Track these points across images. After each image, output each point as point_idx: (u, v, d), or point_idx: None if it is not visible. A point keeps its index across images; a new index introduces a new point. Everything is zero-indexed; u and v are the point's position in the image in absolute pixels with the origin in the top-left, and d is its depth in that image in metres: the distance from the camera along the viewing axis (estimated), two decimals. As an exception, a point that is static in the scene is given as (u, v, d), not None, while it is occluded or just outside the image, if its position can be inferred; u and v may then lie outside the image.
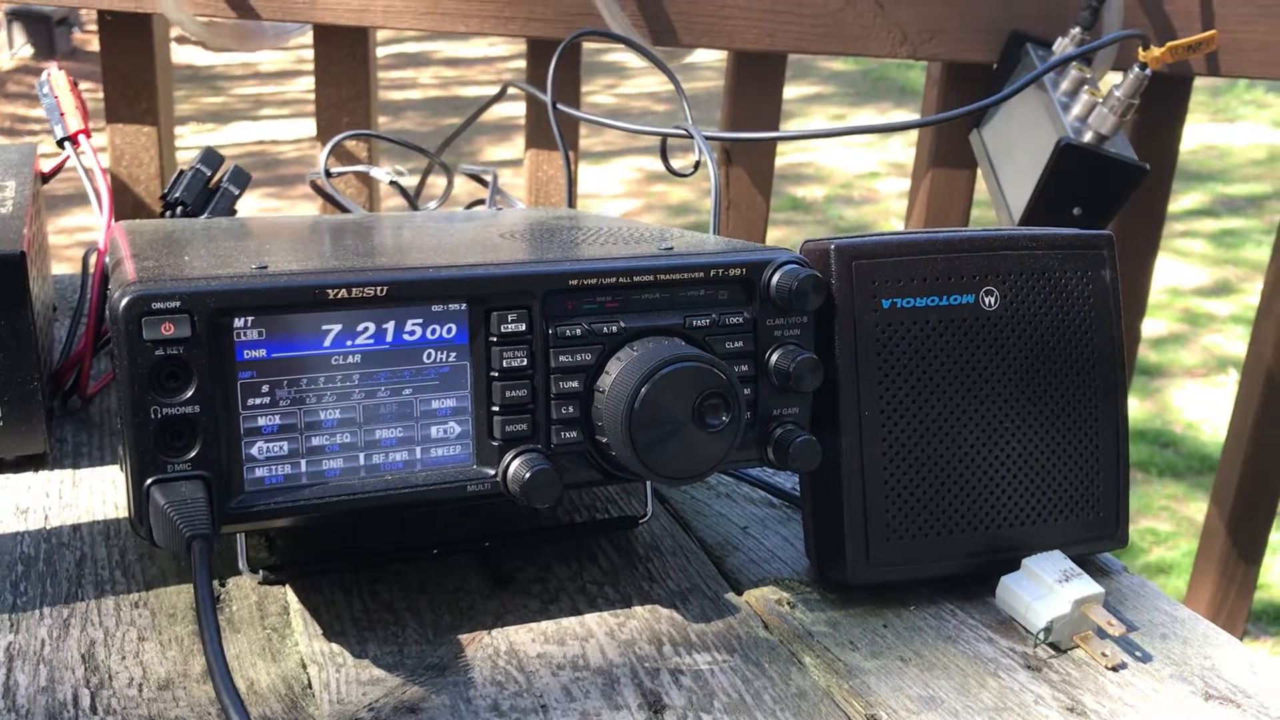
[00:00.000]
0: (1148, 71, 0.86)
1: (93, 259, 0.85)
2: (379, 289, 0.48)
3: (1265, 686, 0.53)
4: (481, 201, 0.98)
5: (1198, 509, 2.75)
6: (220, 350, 0.47)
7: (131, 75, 1.09)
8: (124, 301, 0.45)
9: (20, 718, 0.47)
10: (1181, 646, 0.56)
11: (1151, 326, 3.79)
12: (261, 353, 0.48)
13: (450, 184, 0.96)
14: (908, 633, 0.56)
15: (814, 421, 0.56)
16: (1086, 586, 0.55)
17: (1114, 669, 0.54)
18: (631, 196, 5.16)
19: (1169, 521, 2.65)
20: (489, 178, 0.92)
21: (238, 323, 0.47)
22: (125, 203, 1.14)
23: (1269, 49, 1.00)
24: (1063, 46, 0.95)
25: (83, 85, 0.92)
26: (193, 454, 0.47)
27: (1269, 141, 5.56)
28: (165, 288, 0.46)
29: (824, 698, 0.51)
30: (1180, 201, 4.98)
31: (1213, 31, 0.84)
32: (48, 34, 6.03)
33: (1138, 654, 0.55)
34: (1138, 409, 3.19)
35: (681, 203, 4.85)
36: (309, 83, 1.06)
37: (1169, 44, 0.83)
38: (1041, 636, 0.55)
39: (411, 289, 0.49)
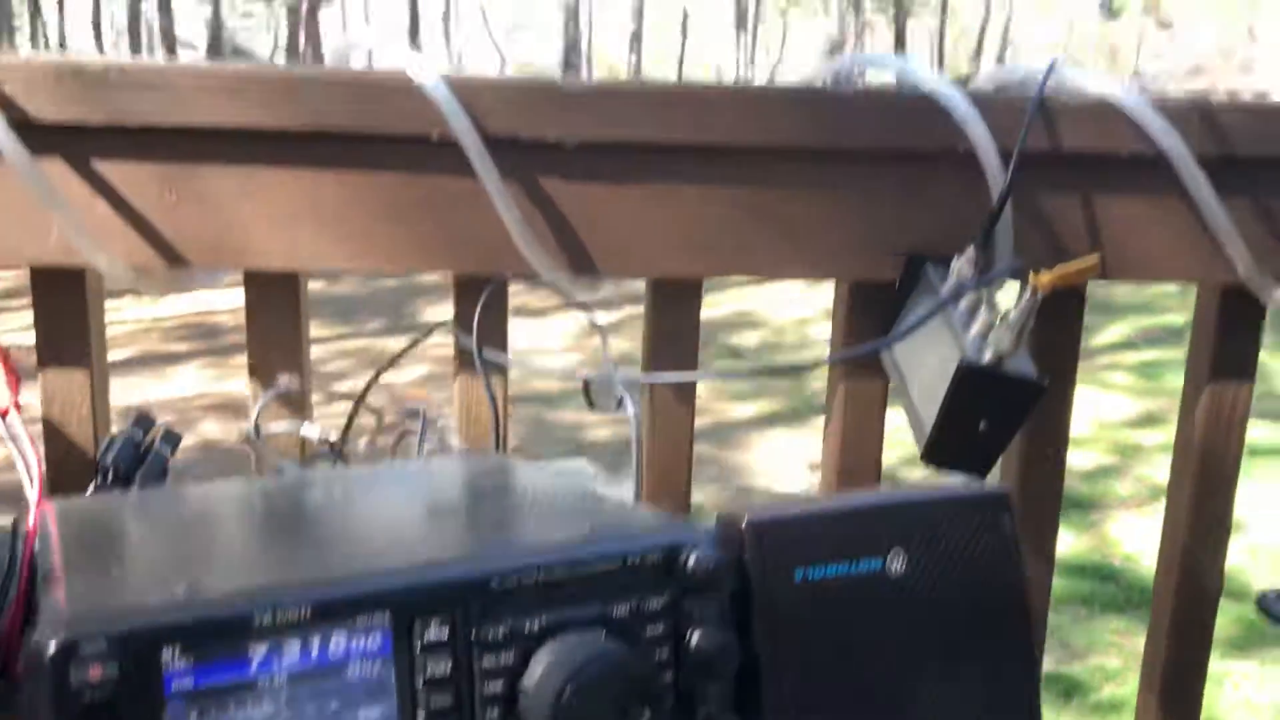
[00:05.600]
0: (1039, 295, 0.91)
1: (22, 527, 0.85)
2: (304, 611, 0.50)
3: None
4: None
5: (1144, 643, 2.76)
6: (147, 684, 0.48)
7: (64, 325, 1.11)
8: (51, 646, 0.46)
9: None
10: None
11: (1083, 459, 3.87)
12: (189, 681, 0.49)
13: (379, 428, 0.99)
14: None
15: (737, 698, 0.58)
16: (1009, 847, 0.57)
17: None
18: (572, 350, 5.24)
19: (1117, 657, 2.66)
20: (420, 416, 0.95)
21: (165, 654, 0.48)
22: (59, 444, 1.14)
23: (1147, 257, 1.07)
24: (958, 265, 1.01)
25: None
26: (119, 793, 0.47)
27: (1180, 276, 5.81)
28: (94, 628, 0.47)
29: None
30: (1104, 334, 5.16)
31: (1094, 258, 0.90)
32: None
33: None
34: (1075, 543, 3.23)
35: (621, 354, 4.93)
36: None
37: (1056, 271, 0.89)
38: None
39: (335, 608, 0.51)
